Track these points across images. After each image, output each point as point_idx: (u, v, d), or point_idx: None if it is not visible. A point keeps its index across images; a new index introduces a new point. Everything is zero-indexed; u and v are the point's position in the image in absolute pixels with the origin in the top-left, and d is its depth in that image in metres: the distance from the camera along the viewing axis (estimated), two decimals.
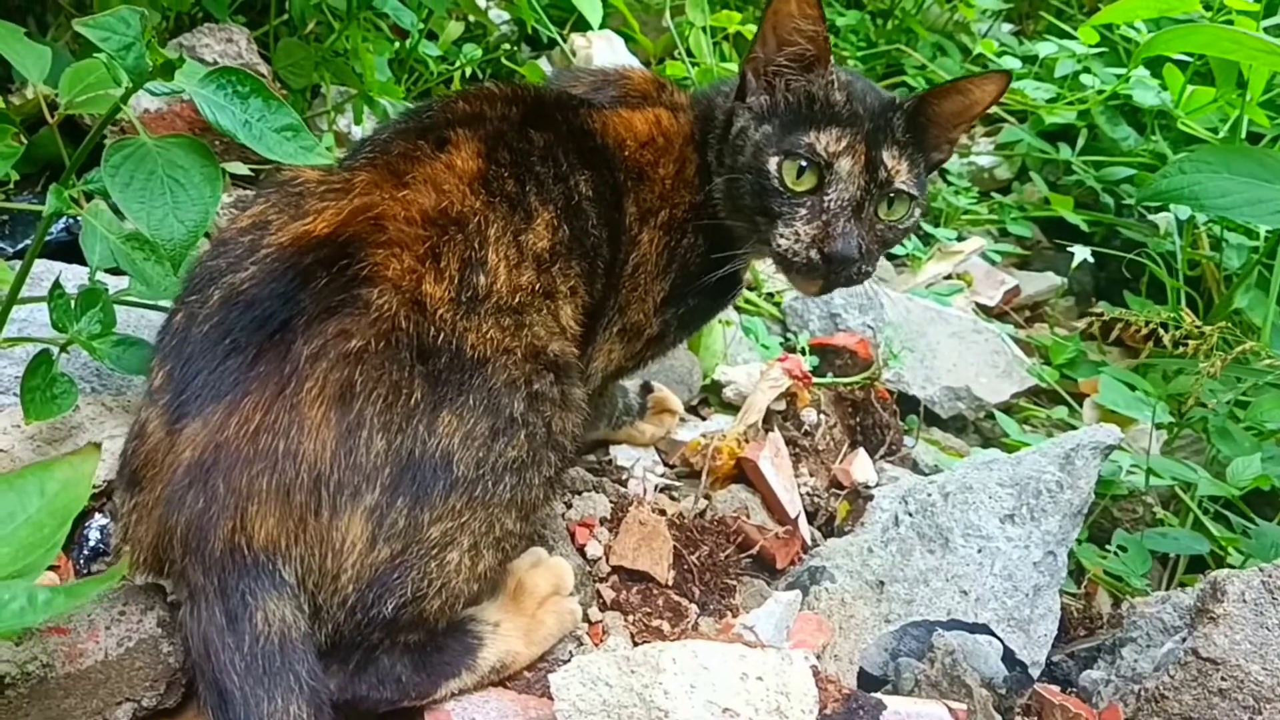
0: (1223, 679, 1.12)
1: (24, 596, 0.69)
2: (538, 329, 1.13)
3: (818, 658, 1.21)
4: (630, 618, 1.25)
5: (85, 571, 1.17)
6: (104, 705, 0.98)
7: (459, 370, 1.04)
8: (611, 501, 1.37)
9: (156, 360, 1.04)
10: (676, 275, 1.33)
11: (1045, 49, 2.92)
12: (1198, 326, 1.64)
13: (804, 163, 1.24)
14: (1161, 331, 1.68)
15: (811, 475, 1.68)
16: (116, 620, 1.01)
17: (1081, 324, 2.44)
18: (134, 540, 1.00)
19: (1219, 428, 1.88)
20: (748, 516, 1.46)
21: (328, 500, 0.96)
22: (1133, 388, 2.04)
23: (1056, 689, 1.25)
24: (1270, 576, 1.16)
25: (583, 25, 2.51)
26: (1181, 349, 1.68)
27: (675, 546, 1.33)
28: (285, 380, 0.97)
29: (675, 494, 1.53)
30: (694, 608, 1.28)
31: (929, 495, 1.42)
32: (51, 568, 1.12)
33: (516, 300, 1.11)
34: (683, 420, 1.68)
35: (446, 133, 1.18)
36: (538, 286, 1.14)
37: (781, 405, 1.75)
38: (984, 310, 2.50)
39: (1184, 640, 1.19)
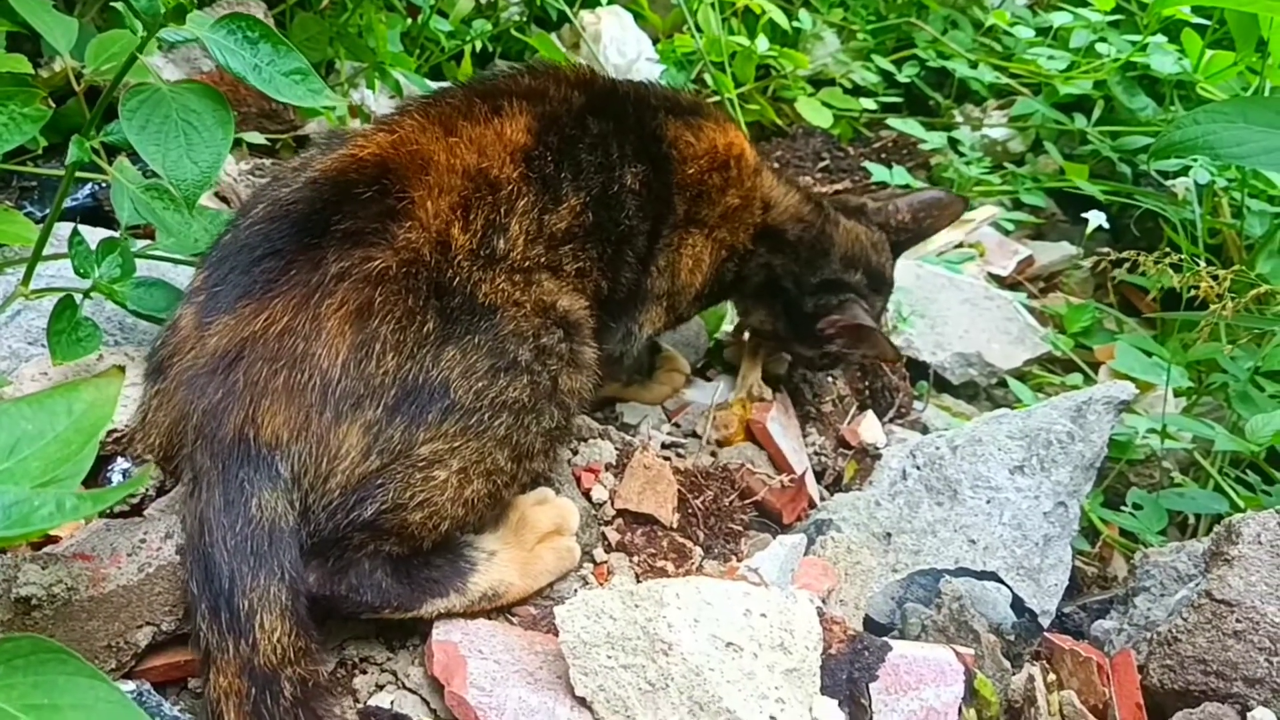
0: (1237, 621, 1.11)
1: (53, 502, 0.73)
2: (547, 284, 1.19)
3: (823, 601, 1.22)
4: (635, 558, 1.27)
5: (108, 512, 1.20)
6: (125, 628, 1.01)
7: (469, 313, 1.11)
8: (617, 448, 1.39)
9: (199, 268, 1.14)
10: (715, 283, 1.49)
11: (1060, 18, 2.90)
12: (1211, 274, 1.63)
13: None
14: (1172, 273, 1.67)
15: (820, 436, 1.69)
16: (137, 548, 1.04)
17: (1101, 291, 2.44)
18: (152, 424, 1.08)
19: (1240, 392, 1.87)
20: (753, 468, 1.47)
21: (332, 405, 1.03)
22: (1150, 355, 2.03)
23: (1068, 637, 1.25)
24: None
25: (592, 1, 2.53)
26: (1193, 293, 1.68)
27: (680, 490, 1.35)
28: (312, 290, 1.05)
29: (681, 451, 1.55)
30: (698, 550, 1.30)
31: (937, 449, 1.43)
32: None
33: (526, 265, 1.18)
34: (690, 381, 1.71)
35: (502, 101, 1.26)
36: (544, 260, 1.20)
37: (783, 369, 1.76)
38: (997, 280, 2.49)
39: (1198, 585, 1.18)
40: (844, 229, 1.56)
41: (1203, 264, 2.05)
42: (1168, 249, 1.76)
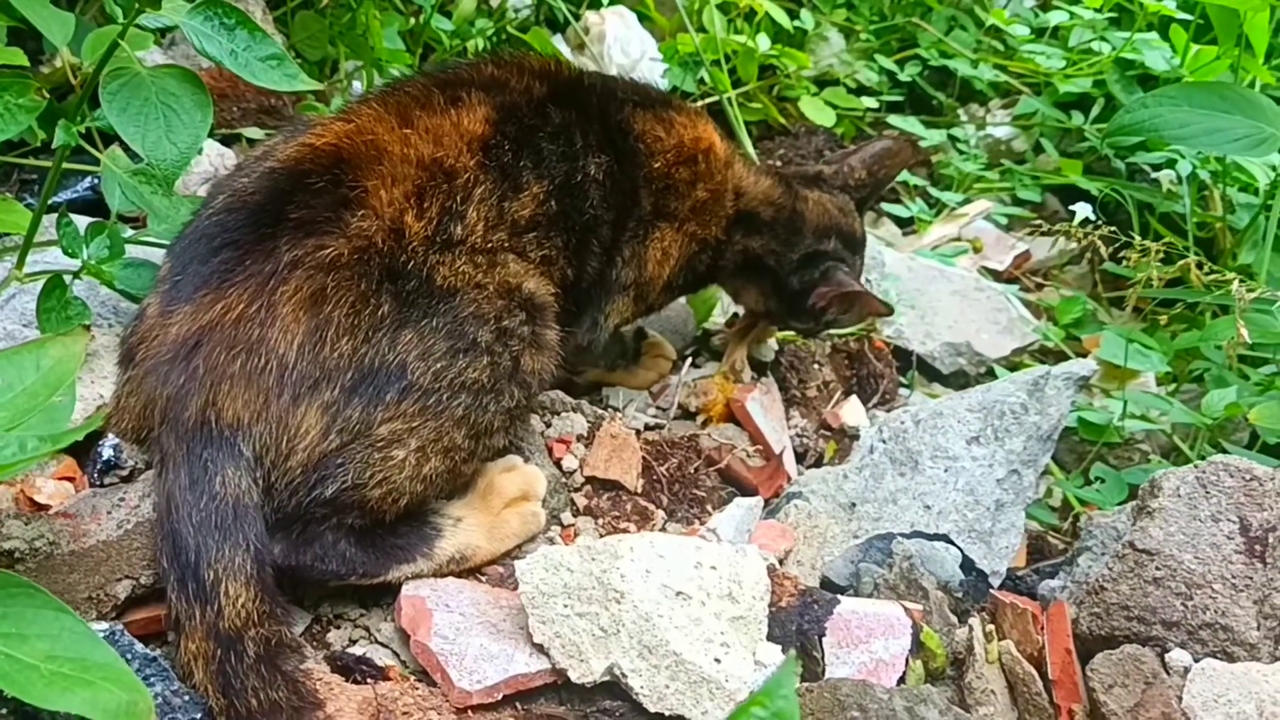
0: (1157, 568, 1.17)
1: (16, 444, 0.79)
2: (513, 265, 1.23)
3: (780, 561, 1.26)
4: (600, 521, 1.32)
5: (99, 485, 1.27)
6: (105, 581, 1.07)
7: (427, 296, 1.15)
8: (589, 421, 1.44)
9: (166, 257, 1.18)
10: (687, 273, 1.53)
11: (1057, 17, 2.94)
12: (1143, 247, 1.68)
13: None
14: (1100, 244, 1.71)
15: (803, 419, 1.73)
16: (117, 505, 1.10)
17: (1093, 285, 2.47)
18: (124, 409, 1.12)
19: (1218, 376, 1.90)
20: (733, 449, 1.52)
21: (290, 387, 1.07)
22: (1133, 343, 2.05)
23: (1012, 594, 1.29)
24: (1204, 472, 1.21)
25: (597, 3, 2.59)
26: (1124, 264, 1.72)
27: (645, 458, 1.40)
28: (266, 279, 1.09)
29: (664, 433, 1.59)
30: (661, 513, 1.35)
31: (902, 423, 1.47)
32: (68, 479, 1.23)
33: (489, 247, 1.21)
34: (676, 367, 1.75)
35: (461, 92, 1.28)
36: (507, 245, 1.23)
37: (770, 355, 1.80)
38: (993, 274, 2.52)
39: (1125, 537, 1.23)
40: (812, 202, 1.59)
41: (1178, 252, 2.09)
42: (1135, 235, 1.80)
